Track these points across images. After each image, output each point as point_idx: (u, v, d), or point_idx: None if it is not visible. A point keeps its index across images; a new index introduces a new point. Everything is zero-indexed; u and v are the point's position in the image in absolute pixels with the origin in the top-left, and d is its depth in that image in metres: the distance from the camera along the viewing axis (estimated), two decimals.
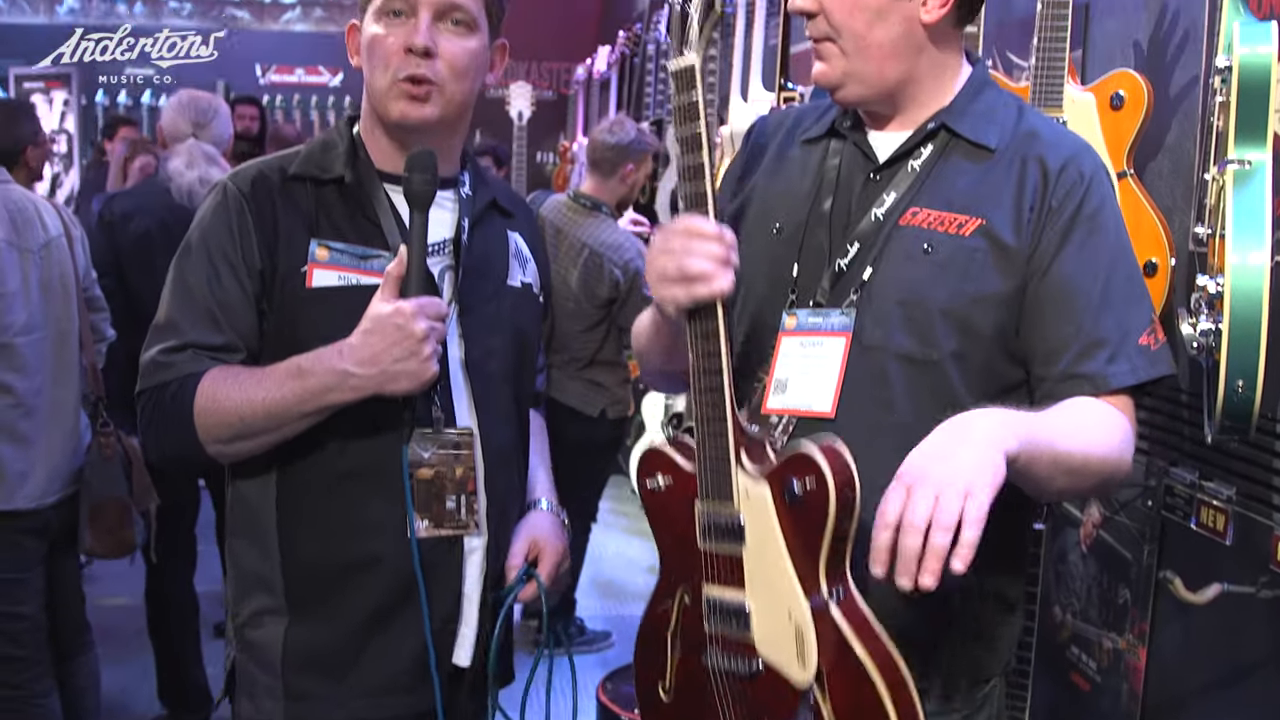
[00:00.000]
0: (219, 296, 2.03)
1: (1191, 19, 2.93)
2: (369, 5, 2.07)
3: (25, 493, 3.54)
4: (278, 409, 1.98)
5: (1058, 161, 1.90)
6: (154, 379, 2.04)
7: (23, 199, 3.62)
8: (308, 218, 2.07)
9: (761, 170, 2.12)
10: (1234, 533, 2.79)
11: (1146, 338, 1.89)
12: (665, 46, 7.12)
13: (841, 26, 1.88)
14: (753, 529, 1.77)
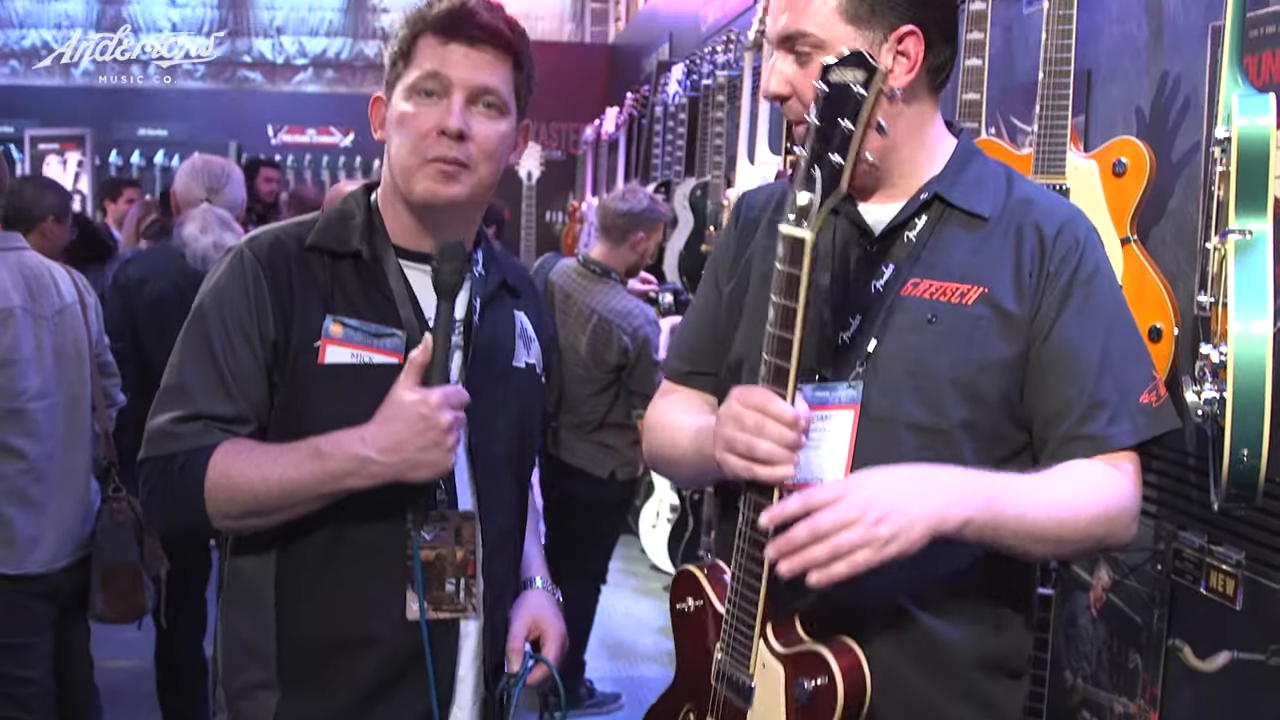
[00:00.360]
0: (232, 366, 2.00)
1: (1192, 86, 2.97)
2: (399, 81, 2.05)
3: (35, 557, 3.55)
4: (294, 490, 1.95)
5: (1053, 227, 1.94)
6: (162, 448, 2.00)
7: (38, 265, 3.66)
8: (323, 291, 2.04)
9: (756, 248, 2.14)
10: (1244, 597, 2.78)
11: (1147, 395, 1.91)
12: (673, 108, 7.18)
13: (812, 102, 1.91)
14: (761, 698, 1.81)
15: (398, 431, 1.92)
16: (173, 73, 16.90)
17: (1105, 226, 2.84)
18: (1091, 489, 1.86)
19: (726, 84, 6.17)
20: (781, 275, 1.74)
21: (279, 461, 1.95)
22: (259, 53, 17.22)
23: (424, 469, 1.94)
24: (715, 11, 8.27)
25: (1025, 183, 2.05)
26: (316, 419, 1.99)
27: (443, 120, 2.00)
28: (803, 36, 1.90)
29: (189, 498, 1.96)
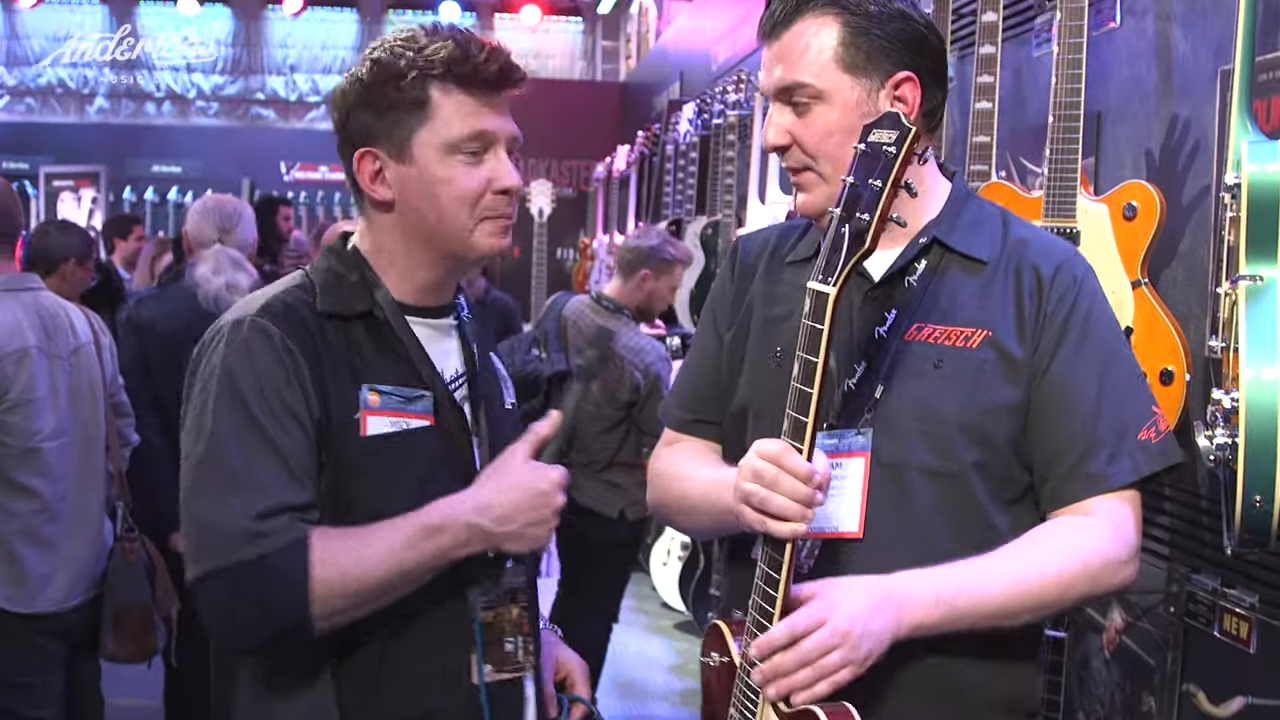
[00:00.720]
0: (292, 450, 1.81)
1: (1202, 129, 2.98)
2: (415, 136, 1.90)
3: (47, 596, 3.56)
4: (411, 571, 1.82)
5: (1050, 268, 1.96)
6: (246, 551, 1.75)
7: (54, 305, 3.68)
8: (347, 358, 1.90)
9: (754, 295, 2.15)
10: (1258, 641, 2.77)
11: (1146, 432, 1.93)
12: (684, 147, 7.21)
13: (817, 152, 1.93)
14: None
15: (516, 502, 1.87)
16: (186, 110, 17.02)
17: (1116, 269, 2.85)
18: (1065, 549, 1.87)
19: (737, 123, 6.20)
20: (805, 329, 1.75)
21: (389, 543, 1.81)
22: (272, 90, 17.37)
23: (525, 543, 1.90)
24: (726, 51, 8.33)
25: (1020, 224, 2.07)
26: (363, 494, 1.88)
27: (498, 178, 1.92)
28: (801, 87, 1.92)
29: (291, 601, 1.76)
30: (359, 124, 1.92)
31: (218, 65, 17.22)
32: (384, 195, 1.93)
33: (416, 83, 1.88)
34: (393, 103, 1.89)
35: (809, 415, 1.73)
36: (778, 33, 1.95)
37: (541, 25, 16.92)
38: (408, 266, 1.98)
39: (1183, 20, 3.07)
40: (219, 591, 1.77)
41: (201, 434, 1.81)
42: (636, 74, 13.56)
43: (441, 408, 1.95)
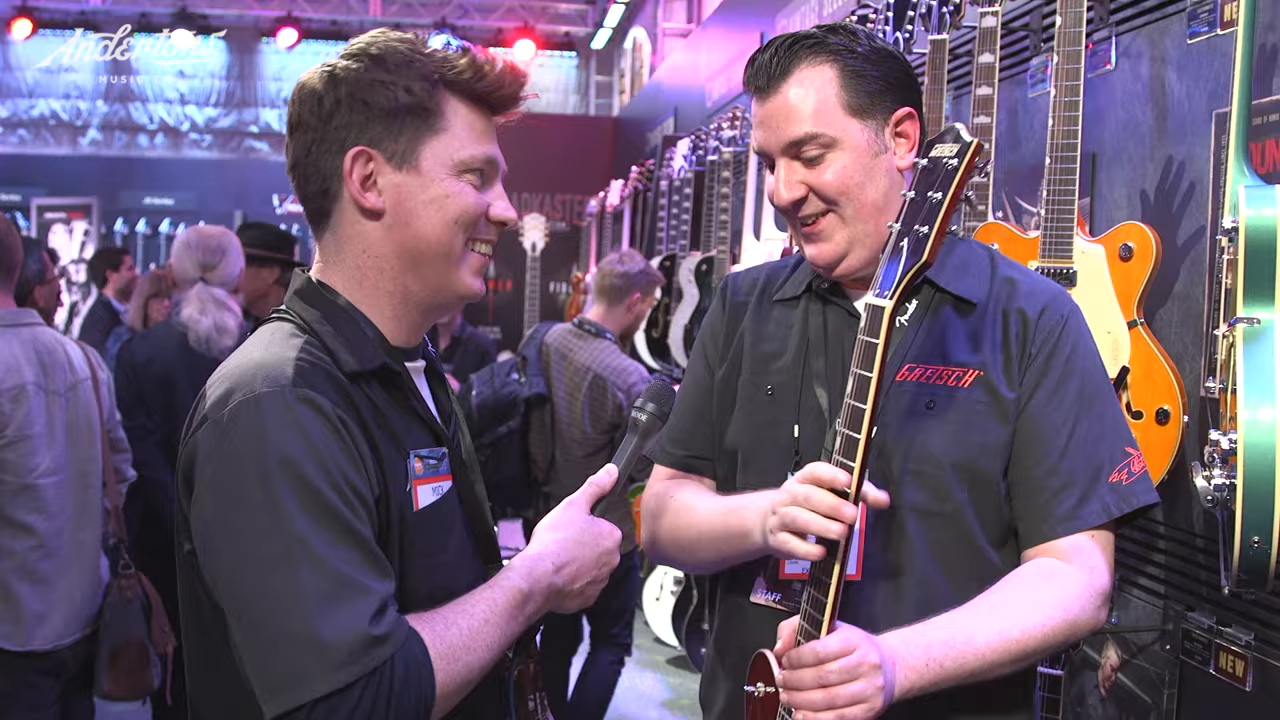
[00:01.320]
0: (369, 536, 1.60)
1: (1197, 171, 3.01)
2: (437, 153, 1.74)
3: (43, 634, 3.54)
4: (508, 644, 1.72)
5: (1035, 309, 1.99)
6: (372, 660, 1.51)
7: (52, 341, 3.68)
8: (386, 425, 1.71)
9: (744, 332, 2.17)
10: (1253, 679, 2.78)
11: (1118, 474, 1.95)
12: (679, 182, 7.24)
13: (838, 196, 1.95)
14: None
15: (584, 560, 1.79)
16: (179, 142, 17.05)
17: (1112, 310, 2.87)
18: (1042, 604, 1.88)
19: (732, 159, 6.23)
20: (861, 344, 1.74)
21: (490, 622, 1.67)
22: (265, 123, 17.40)
23: (580, 602, 1.83)
24: (720, 87, 8.36)
25: (1008, 264, 2.10)
26: (417, 573, 1.70)
27: (498, 210, 1.80)
28: (813, 139, 1.94)
29: (422, 702, 1.57)
30: (351, 123, 1.71)
31: (211, 98, 17.25)
32: (374, 204, 1.72)
33: (433, 88, 1.73)
34: (403, 104, 1.71)
35: (861, 431, 1.72)
36: (775, 86, 1.95)
37: (535, 60, 16.99)
38: (393, 296, 1.78)
39: (1177, 63, 3.10)
40: (337, 714, 1.50)
41: (268, 534, 1.54)
42: (630, 109, 13.61)
43: (455, 462, 1.82)
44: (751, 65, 2.00)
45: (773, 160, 2.01)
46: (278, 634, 1.52)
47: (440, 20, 16.42)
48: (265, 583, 1.53)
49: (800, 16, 6.60)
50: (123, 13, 15.87)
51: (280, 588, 1.52)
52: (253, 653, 1.55)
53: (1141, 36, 3.27)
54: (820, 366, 2.04)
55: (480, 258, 1.80)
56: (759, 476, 2.03)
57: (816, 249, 2.00)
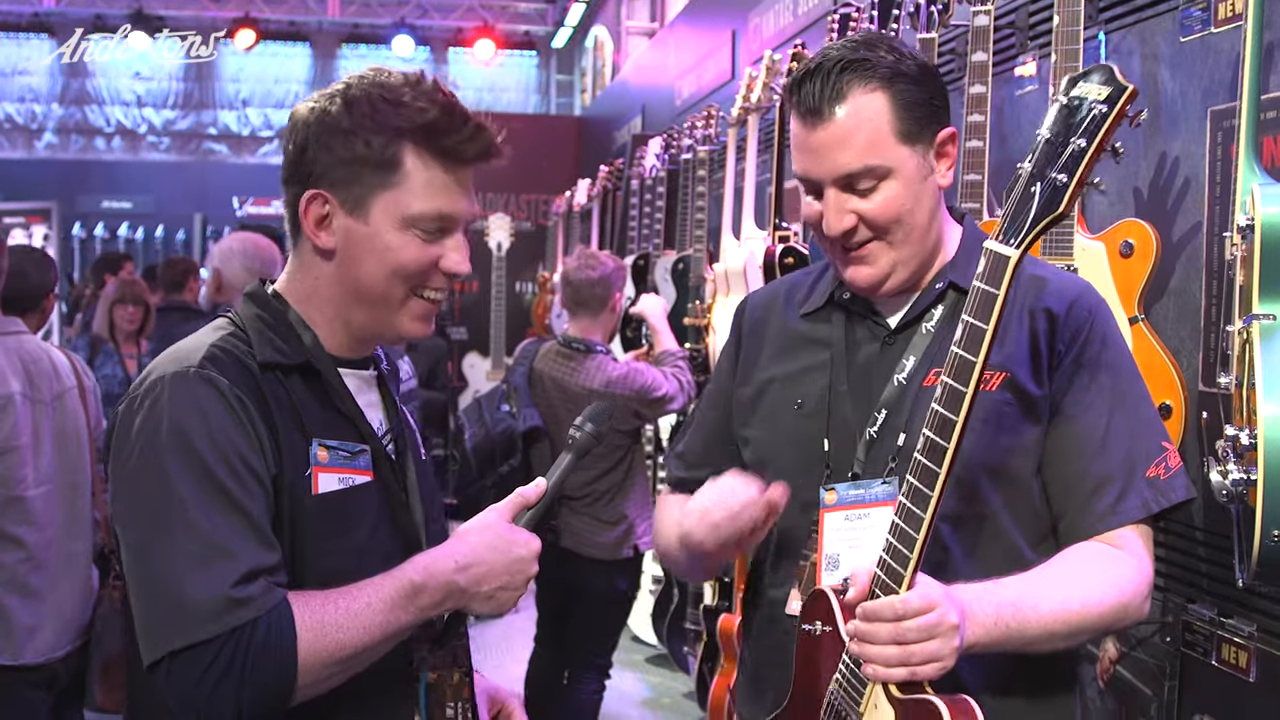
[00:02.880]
0: (256, 510, 1.72)
1: (1192, 167, 3.03)
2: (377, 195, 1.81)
3: (34, 647, 3.49)
4: (394, 633, 1.76)
5: (1062, 306, 1.98)
6: (232, 619, 1.63)
7: (37, 350, 3.63)
8: (293, 412, 1.81)
9: (769, 351, 2.17)
10: (1257, 669, 2.81)
11: (1155, 469, 1.94)
12: (650, 181, 7.23)
13: (889, 223, 1.94)
14: None
15: (493, 564, 1.81)
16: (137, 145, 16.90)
17: (1114, 306, 2.88)
18: (1103, 582, 1.89)
19: (708, 158, 6.22)
20: (977, 292, 1.67)
21: (372, 606, 1.73)
22: (224, 125, 17.27)
23: (492, 606, 1.84)
24: (690, 86, 8.37)
25: (1032, 262, 2.07)
26: (312, 553, 1.79)
27: (449, 264, 1.86)
28: (869, 172, 1.91)
29: (280, 668, 1.66)
30: (316, 163, 1.81)
31: (169, 100, 17.10)
32: (326, 243, 1.84)
33: (391, 142, 1.79)
34: (359, 155, 1.79)
35: (969, 384, 1.67)
36: (827, 114, 1.91)
37: (496, 59, 16.94)
38: (337, 317, 1.89)
39: (1170, 61, 3.12)
40: (194, 667, 1.63)
41: (155, 498, 1.69)
42: (595, 108, 13.61)
43: (379, 462, 1.89)
44: (798, 90, 1.95)
45: (819, 188, 1.97)
46: (152, 591, 1.68)
47: (399, 20, 16.35)
48: (147, 544, 1.69)
49: (774, 15, 6.61)
50: (77, 14, 15.71)
51: (158, 549, 1.67)
52: (137, 610, 1.70)
53: (1132, 34, 3.29)
54: (847, 379, 2.04)
55: (426, 304, 1.88)
56: (791, 488, 2.02)
57: (860, 272, 1.98)
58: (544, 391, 4.99)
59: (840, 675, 1.82)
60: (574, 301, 5.05)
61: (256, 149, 17.24)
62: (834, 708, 1.84)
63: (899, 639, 1.69)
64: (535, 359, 5.09)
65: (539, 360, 5.07)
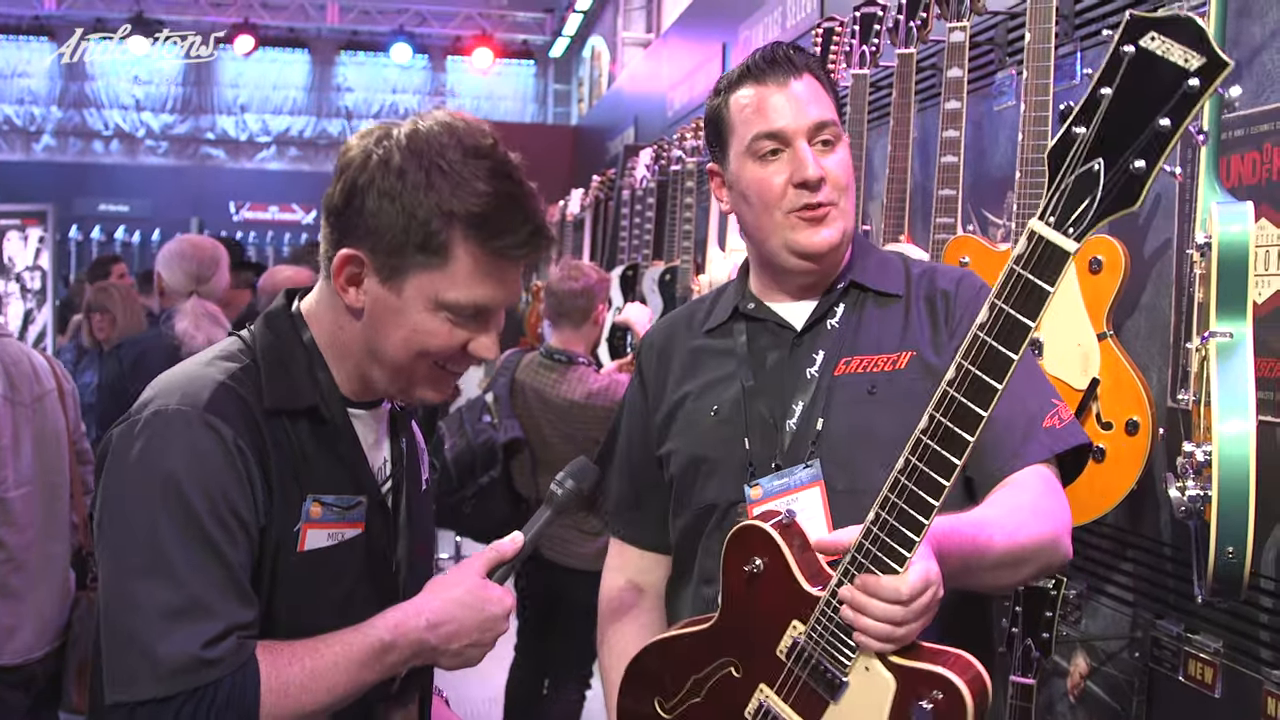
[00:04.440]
0: (238, 561, 1.69)
1: (1162, 184, 3.04)
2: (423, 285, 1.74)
3: (13, 647, 3.50)
4: (358, 690, 1.74)
5: (952, 284, 2.12)
6: (195, 679, 1.62)
7: (18, 353, 3.65)
8: (294, 463, 1.77)
9: (677, 373, 2.24)
10: (1222, 685, 2.82)
11: (1050, 420, 2.00)
12: (641, 192, 7.25)
13: (845, 186, 2.08)
14: (854, 701, 1.74)
15: (464, 621, 1.79)
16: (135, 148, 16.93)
17: (1082, 322, 2.90)
18: (1039, 513, 1.91)
19: (696, 169, 6.24)
20: (1021, 282, 1.46)
21: (339, 666, 1.71)
22: (222, 130, 17.31)
23: (460, 662, 1.82)
24: (682, 97, 8.39)
25: (918, 262, 2.23)
26: (288, 608, 1.77)
27: (478, 349, 1.80)
28: (833, 124, 2.08)
29: None
30: (359, 220, 1.72)
31: (167, 104, 17.14)
32: (354, 302, 1.77)
33: (442, 228, 1.70)
34: (405, 227, 1.70)
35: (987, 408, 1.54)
36: (796, 74, 2.07)
37: (494, 68, 16.99)
38: (356, 368, 1.84)
39: None
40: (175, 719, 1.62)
41: (139, 541, 1.66)
42: (590, 118, 13.63)
43: (371, 513, 1.86)
44: (762, 60, 2.10)
45: (786, 142, 2.06)
46: (124, 636, 1.65)
47: (398, 27, 16.39)
48: (127, 588, 1.66)
49: (763, 28, 6.64)
50: (77, 17, 15.74)
51: (137, 595, 1.64)
52: (106, 644, 1.68)
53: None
54: (759, 380, 2.12)
55: (447, 375, 1.84)
56: (716, 491, 2.12)
57: (824, 232, 2.07)
58: (525, 402, 4.96)
59: (818, 628, 1.76)
60: (556, 312, 5.02)
61: (254, 154, 17.27)
62: (808, 657, 1.78)
63: (894, 620, 1.67)
64: (517, 370, 5.06)
65: (520, 371, 5.05)
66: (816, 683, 1.78)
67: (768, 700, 1.83)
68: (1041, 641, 2.90)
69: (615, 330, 6.28)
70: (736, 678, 1.88)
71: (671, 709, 1.98)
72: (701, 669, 1.93)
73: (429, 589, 1.82)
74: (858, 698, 1.72)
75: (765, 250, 2.13)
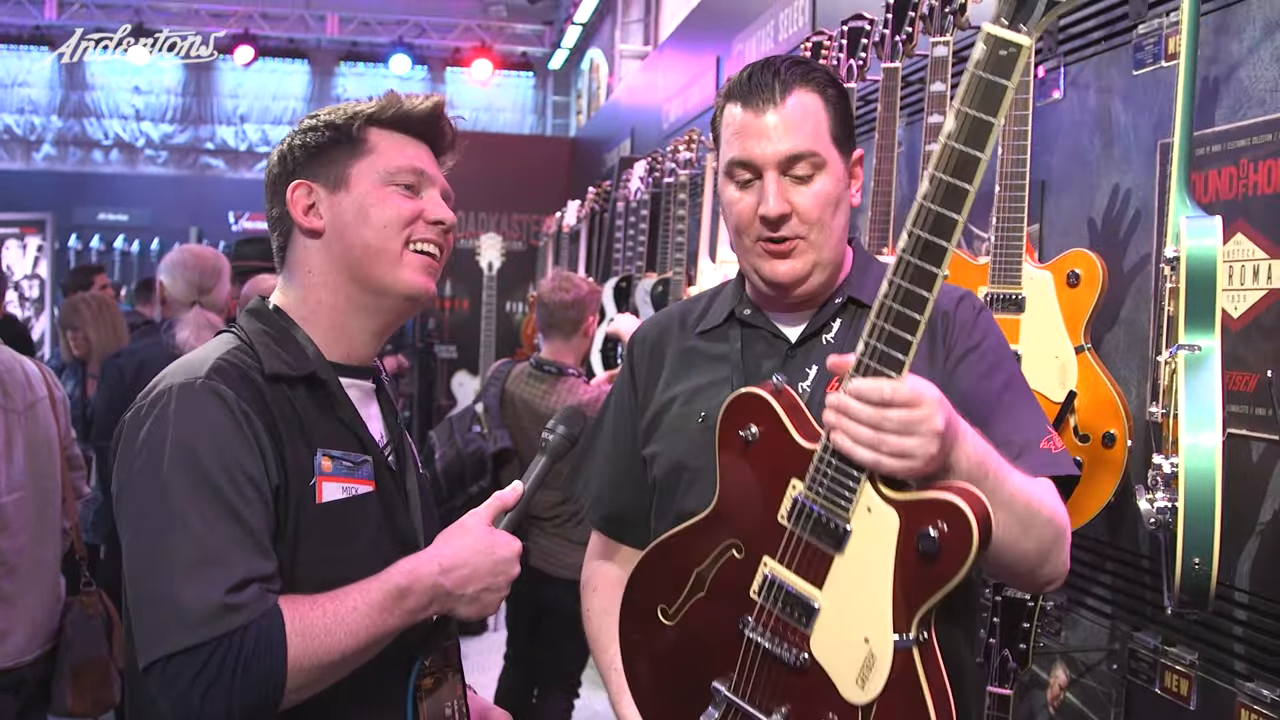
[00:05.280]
0: (255, 520, 1.75)
1: (1143, 198, 3.08)
2: (363, 171, 1.94)
3: (4, 651, 3.53)
4: (381, 636, 1.79)
5: (951, 305, 2.06)
6: (223, 625, 1.67)
7: (11, 360, 3.68)
8: (298, 423, 1.86)
9: (668, 373, 2.22)
10: (1197, 698, 2.85)
11: (1046, 443, 1.95)
12: (635, 204, 7.28)
13: (815, 221, 2.01)
14: (860, 546, 1.71)
15: (477, 565, 1.86)
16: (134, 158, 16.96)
17: (1060, 335, 2.94)
18: (1047, 492, 1.87)
19: (688, 181, 6.27)
20: (981, 83, 1.53)
21: (359, 610, 1.77)
22: (221, 140, 17.35)
23: (476, 609, 1.88)
24: (677, 109, 8.43)
25: None
26: (314, 562, 1.83)
27: (431, 210, 1.98)
28: (811, 155, 2.00)
29: (270, 673, 1.70)
30: (295, 161, 1.97)
31: (167, 114, 17.18)
32: (314, 224, 1.94)
33: (356, 126, 1.96)
34: (329, 140, 1.95)
35: (961, 210, 1.58)
36: (779, 100, 2.00)
37: (493, 80, 17.02)
38: (334, 317, 1.97)
39: (1123, 94, 3.18)
40: (186, 671, 1.66)
41: (156, 505, 1.73)
42: (587, 129, 13.66)
43: (380, 472, 1.94)
44: (748, 81, 2.03)
45: (758, 172, 2.03)
46: (150, 595, 1.72)
47: (397, 39, 16.45)
48: (147, 550, 1.73)
49: (756, 41, 6.68)
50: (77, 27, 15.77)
51: (157, 554, 1.71)
52: (133, 611, 1.74)
53: (1089, 67, 3.35)
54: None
55: (422, 258, 1.97)
56: (697, 500, 2.03)
57: (784, 265, 2.03)
58: (515, 413, 4.98)
59: (815, 479, 1.75)
60: (547, 324, 5.05)
61: (253, 164, 17.30)
62: (807, 512, 1.77)
63: (876, 424, 1.65)
64: (507, 380, 5.08)
65: (510, 382, 5.07)
66: (820, 538, 1.75)
67: (772, 572, 1.80)
68: (1019, 653, 2.92)
69: (607, 341, 6.30)
70: (740, 559, 1.86)
71: (675, 613, 1.95)
72: (703, 559, 1.91)
73: (438, 540, 1.90)
74: (862, 542, 1.70)
75: (743, 267, 2.15)
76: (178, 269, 4.62)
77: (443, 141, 2.05)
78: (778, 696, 1.80)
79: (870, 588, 1.68)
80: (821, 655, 1.73)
